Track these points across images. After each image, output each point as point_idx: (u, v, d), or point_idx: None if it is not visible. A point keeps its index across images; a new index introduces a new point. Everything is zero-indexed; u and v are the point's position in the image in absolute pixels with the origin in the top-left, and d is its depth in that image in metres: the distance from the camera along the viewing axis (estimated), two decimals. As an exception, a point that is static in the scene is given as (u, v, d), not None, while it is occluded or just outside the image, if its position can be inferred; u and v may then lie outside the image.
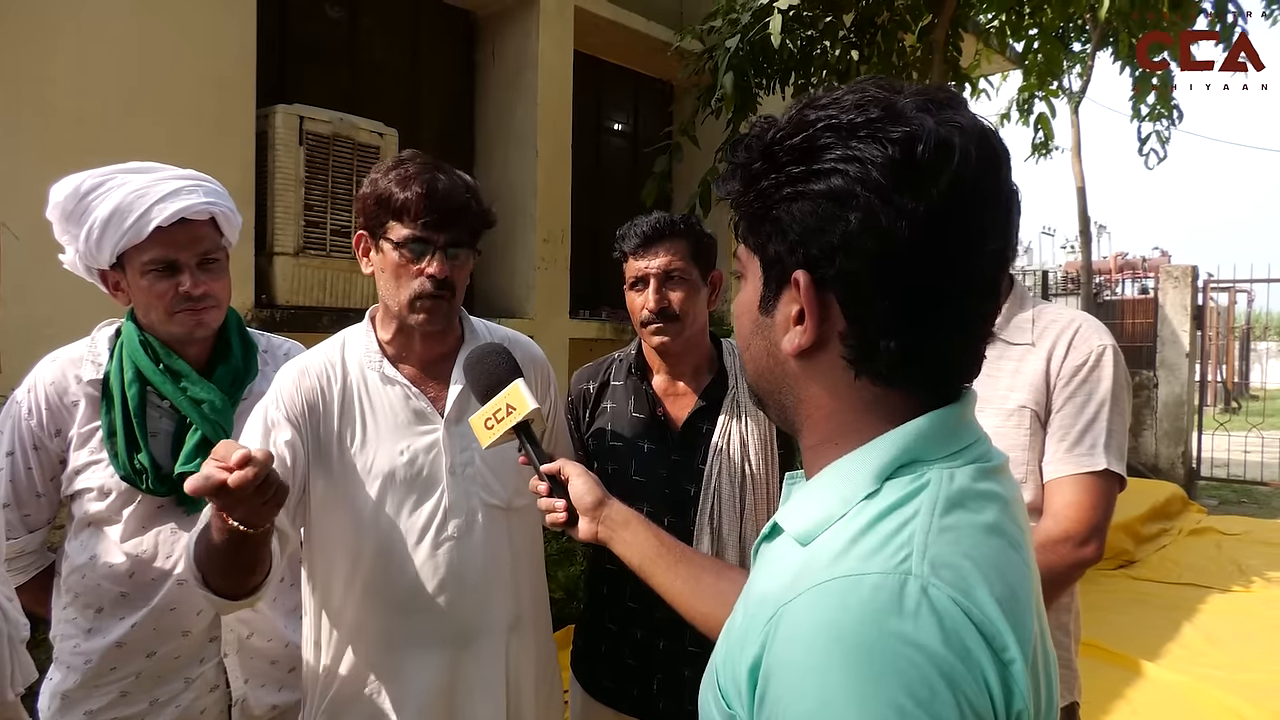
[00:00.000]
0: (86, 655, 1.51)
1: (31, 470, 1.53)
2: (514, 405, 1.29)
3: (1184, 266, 9.00)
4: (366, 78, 4.56)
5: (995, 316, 0.73)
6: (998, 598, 0.61)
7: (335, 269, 3.89)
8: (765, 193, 0.71)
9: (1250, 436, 9.67)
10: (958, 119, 0.67)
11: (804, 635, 0.59)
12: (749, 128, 0.76)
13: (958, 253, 0.67)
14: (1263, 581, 5.75)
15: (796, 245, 0.69)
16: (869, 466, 0.68)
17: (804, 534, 0.68)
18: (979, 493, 0.67)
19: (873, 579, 0.59)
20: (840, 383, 0.71)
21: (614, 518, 1.22)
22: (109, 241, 1.47)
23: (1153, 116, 6.13)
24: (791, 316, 0.71)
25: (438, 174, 1.46)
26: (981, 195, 0.67)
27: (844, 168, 0.66)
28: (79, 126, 3.11)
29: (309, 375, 1.50)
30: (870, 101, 0.68)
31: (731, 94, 4.53)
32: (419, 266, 1.44)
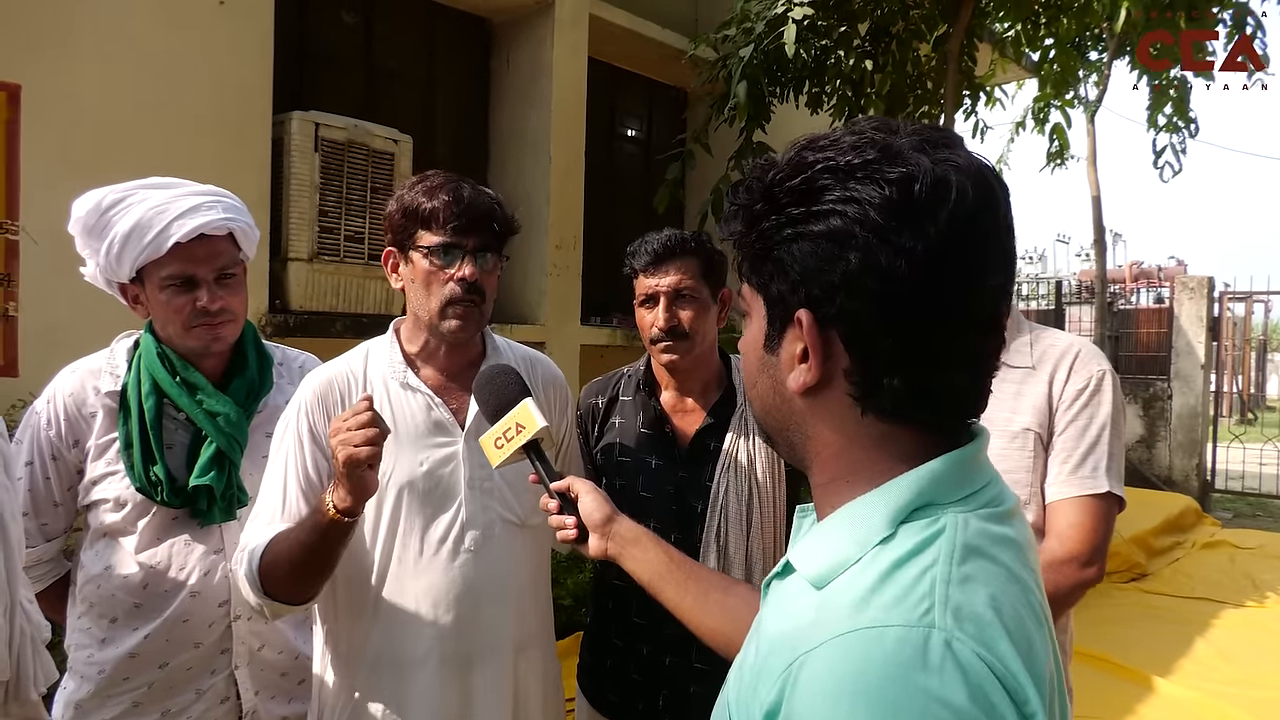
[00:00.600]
0: (100, 665, 1.53)
1: (50, 480, 1.56)
2: (523, 424, 1.30)
3: (1200, 277, 8.94)
4: (381, 84, 4.60)
5: (1000, 351, 0.73)
6: (1019, 649, 0.61)
7: (349, 274, 3.93)
8: (766, 233, 0.72)
9: (1266, 449, 9.58)
10: (954, 158, 0.68)
11: (827, 688, 0.59)
12: (749, 169, 0.77)
13: (958, 289, 0.68)
14: (1277, 597, 5.71)
15: (798, 285, 0.70)
16: (883, 510, 0.68)
17: (818, 577, 0.69)
18: (994, 538, 0.68)
19: (896, 632, 0.59)
20: (847, 420, 0.72)
21: (624, 534, 1.23)
22: (129, 256, 1.49)
23: (1169, 128, 6.10)
24: (796, 355, 0.72)
25: (462, 184, 1.50)
26: (980, 231, 0.68)
27: (842, 209, 0.67)
28: (99, 135, 3.15)
29: (332, 387, 1.52)
30: (867, 143, 0.69)
31: (745, 103, 4.53)
32: (449, 272, 1.47)
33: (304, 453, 1.48)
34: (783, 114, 5.15)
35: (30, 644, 1.21)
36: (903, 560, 0.64)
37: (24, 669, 1.19)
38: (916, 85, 5.49)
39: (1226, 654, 4.67)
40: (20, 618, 1.19)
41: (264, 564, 1.38)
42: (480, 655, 1.51)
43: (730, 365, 1.89)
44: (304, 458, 1.48)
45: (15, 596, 1.18)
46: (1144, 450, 9.16)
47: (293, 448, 1.48)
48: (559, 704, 1.70)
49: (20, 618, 1.19)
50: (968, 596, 0.62)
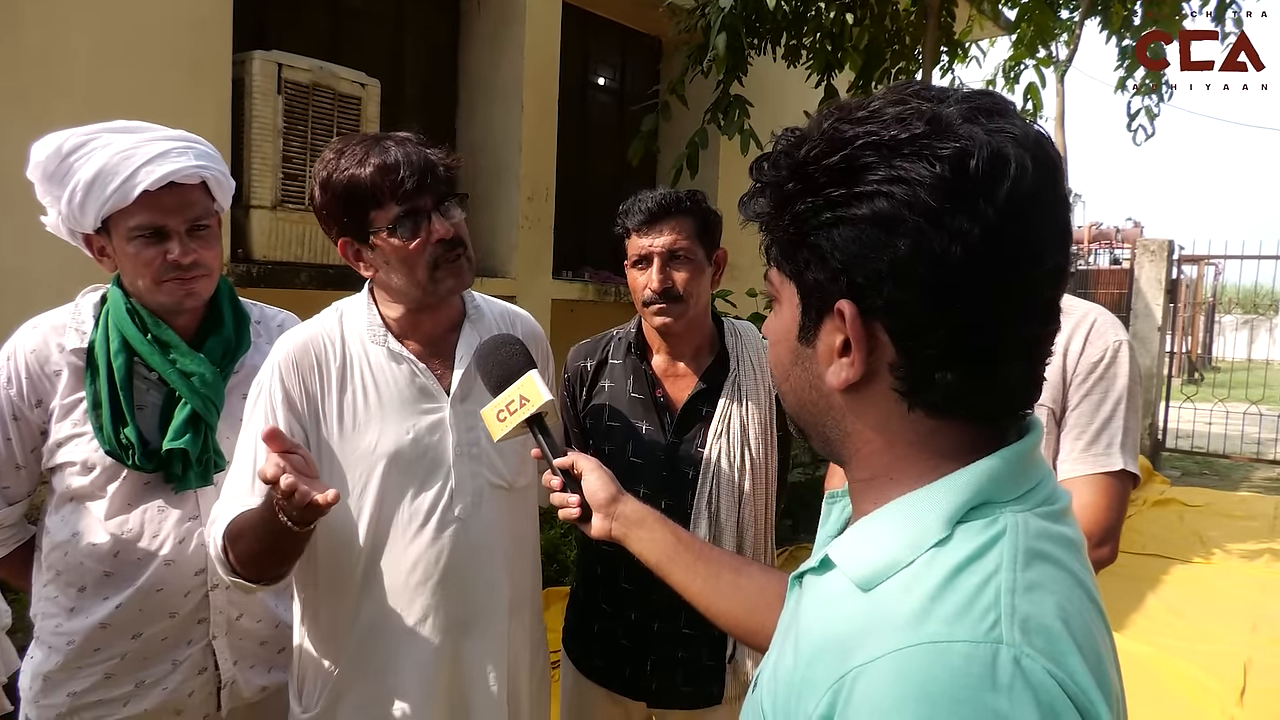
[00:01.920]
0: (69, 635, 1.47)
1: (11, 441, 1.47)
2: (528, 397, 1.25)
3: (1160, 240, 9.07)
4: (347, 23, 4.40)
5: (1054, 336, 0.68)
6: (1089, 662, 0.58)
7: (314, 223, 3.72)
8: (801, 217, 0.66)
9: (1215, 409, 9.86)
10: (1009, 128, 0.62)
11: (888, 706, 0.55)
12: (775, 142, 0.71)
13: (1016, 274, 0.62)
14: (1222, 553, 5.91)
15: (839, 273, 0.64)
16: (939, 510, 0.64)
17: (865, 579, 0.64)
18: (1055, 538, 0.64)
19: (962, 648, 0.56)
20: (892, 415, 0.67)
21: (629, 515, 1.18)
22: (92, 205, 1.39)
23: (1141, 91, 6.11)
24: (835, 347, 0.67)
25: (384, 143, 1.38)
26: (1040, 209, 0.62)
27: (890, 189, 0.61)
28: (46, 69, 2.96)
29: (307, 350, 1.44)
30: (913, 114, 0.63)
31: (724, 54, 4.43)
32: (422, 238, 1.38)
33: (278, 420, 1.40)
34: (759, 66, 5.05)
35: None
36: (963, 566, 0.60)
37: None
38: (894, 40, 5.42)
39: (1176, 609, 4.83)
40: None
41: (228, 545, 1.31)
42: (474, 621, 1.48)
43: (723, 328, 1.84)
44: (278, 425, 1.38)
45: None
46: (1099, 410, 9.35)
47: (266, 415, 1.41)
48: (545, 666, 1.69)
49: None
50: (1035, 606, 0.58)
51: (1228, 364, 17.68)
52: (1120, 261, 12.00)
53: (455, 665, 1.47)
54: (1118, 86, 6.73)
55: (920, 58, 5.43)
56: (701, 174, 4.93)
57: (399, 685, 1.45)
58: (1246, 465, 9.34)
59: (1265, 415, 9.84)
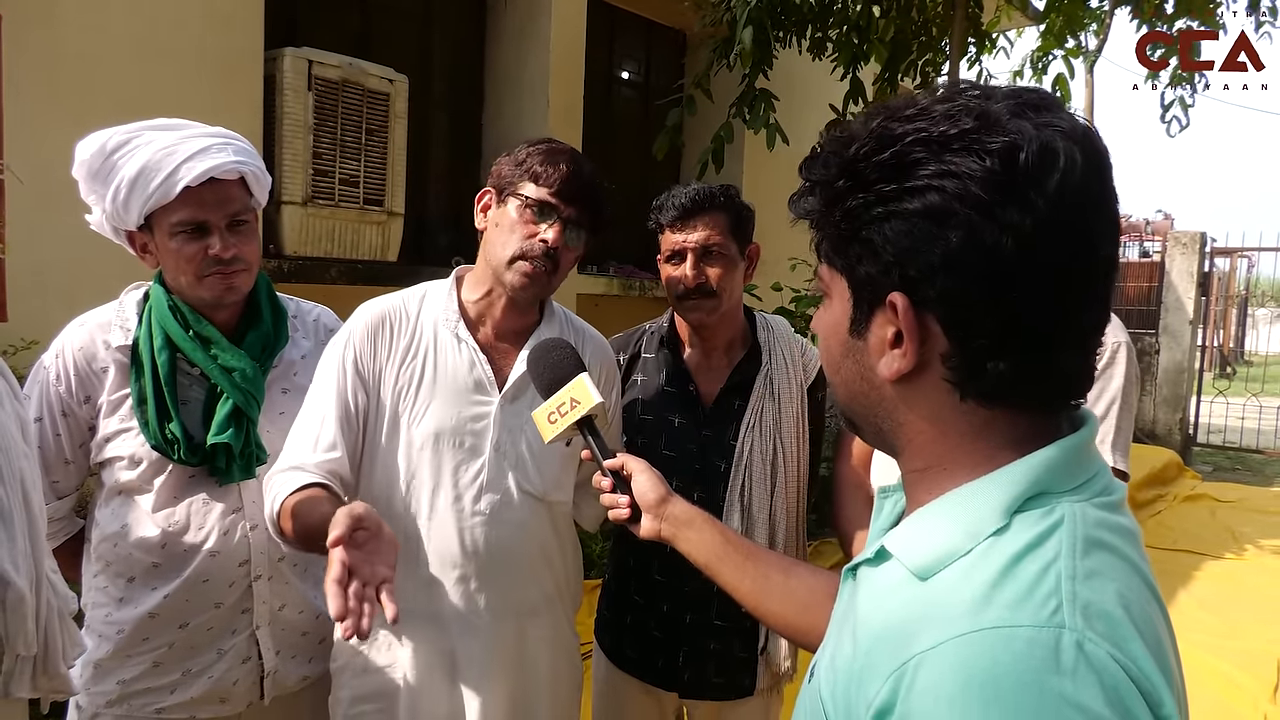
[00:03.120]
0: (119, 625, 1.50)
1: (60, 437, 1.50)
2: (578, 399, 1.26)
3: (1192, 233, 8.94)
4: (377, 21, 4.44)
5: (1105, 326, 0.69)
6: (1150, 648, 0.58)
7: (344, 219, 3.82)
8: (853, 212, 0.68)
9: (1248, 404, 9.72)
10: (1057, 122, 0.63)
11: (952, 691, 0.56)
12: (824, 142, 0.73)
13: (1067, 264, 0.63)
14: (1255, 549, 5.83)
15: (891, 266, 0.66)
16: (996, 500, 0.65)
17: (923, 568, 0.65)
18: (1113, 527, 0.65)
19: (1026, 633, 0.56)
20: (944, 406, 0.68)
21: (678, 515, 1.19)
22: (136, 202, 1.42)
23: (1174, 81, 6.02)
24: (887, 339, 0.68)
25: (584, 162, 1.52)
26: (1090, 201, 0.64)
27: (940, 183, 0.63)
28: (83, 68, 3.01)
29: (384, 321, 1.52)
30: (962, 110, 0.64)
31: (750, 48, 4.42)
32: (536, 228, 1.46)
33: (346, 382, 1.48)
34: (785, 59, 5.03)
35: (58, 617, 1.17)
36: (1022, 554, 0.61)
37: (52, 642, 1.16)
38: (921, 32, 5.38)
39: (1207, 605, 4.78)
40: (47, 590, 1.15)
41: (281, 518, 1.35)
42: (481, 615, 1.50)
43: (755, 322, 1.85)
44: (346, 388, 1.48)
45: (41, 570, 1.14)
46: (1128, 404, 9.26)
47: (335, 376, 1.48)
48: (574, 674, 1.67)
49: (47, 590, 1.15)
50: (1096, 593, 0.59)
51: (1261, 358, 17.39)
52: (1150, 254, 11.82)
53: (459, 654, 1.49)
54: (1149, 77, 6.63)
55: (947, 49, 5.38)
56: (727, 168, 4.93)
57: (401, 671, 1.48)
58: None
59: (1299, 410, 9.69)
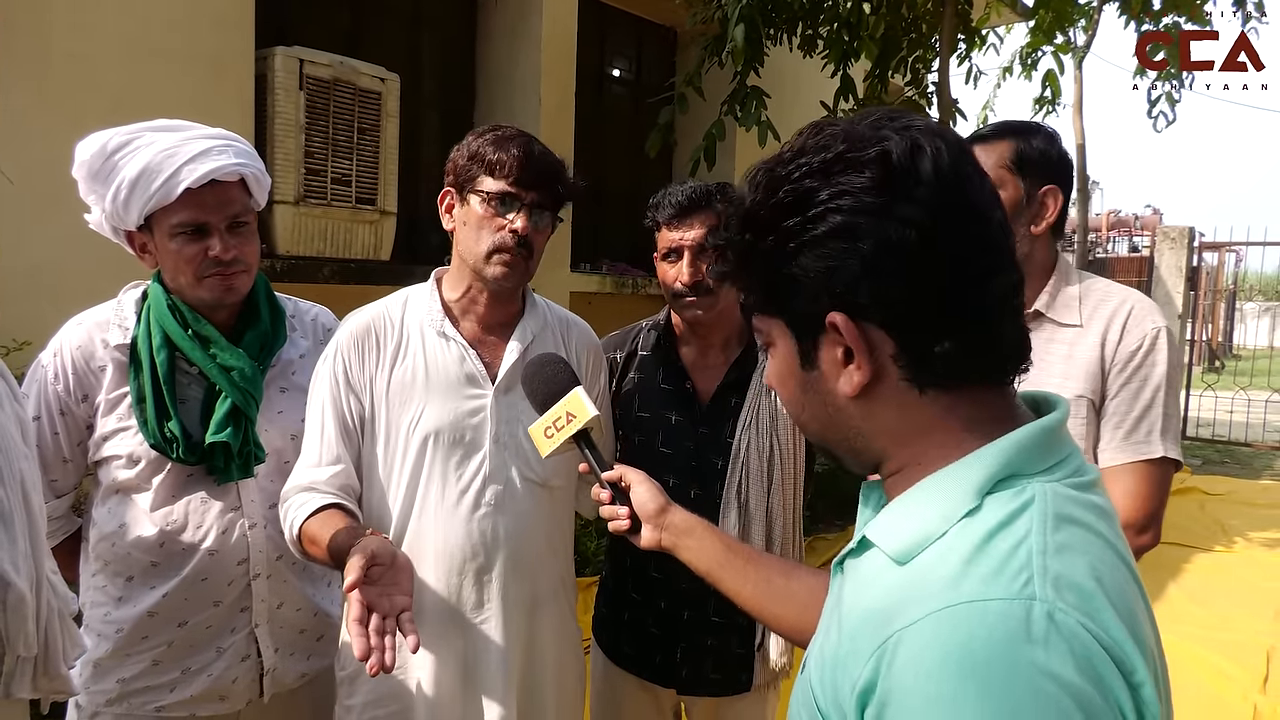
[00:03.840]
0: (118, 624, 1.51)
1: (58, 435, 1.50)
2: (574, 413, 1.28)
3: (1180, 228, 9.02)
4: (367, 20, 4.44)
5: (1023, 287, 0.74)
6: (1122, 617, 0.60)
7: (336, 218, 3.82)
8: (769, 256, 0.72)
9: (1236, 397, 9.79)
10: (914, 123, 0.71)
11: (929, 664, 0.58)
12: (722, 220, 0.77)
13: (966, 236, 0.69)
14: (1244, 542, 5.88)
15: (820, 292, 0.70)
16: (968, 482, 0.67)
17: (902, 553, 0.68)
18: (1085, 504, 0.67)
19: (998, 605, 0.59)
20: (906, 404, 0.72)
21: (678, 525, 1.20)
22: (137, 202, 1.42)
23: (1163, 76, 6.06)
24: (839, 360, 0.72)
25: (534, 142, 1.51)
26: (963, 176, 0.70)
27: (837, 203, 0.68)
28: (74, 68, 3.01)
29: (368, 331, 1.53)
30: (830, 138, 0.71)
31: (742, 46, 4.43)
32: (502, 221, 1.47)
33: (340, 395, 1.50)
34: (775, 57, 5.05)
35: (58, 618, 1.17)
36: (994, 532, 0.64)
37: (53, 643, 1.16)
38: (911, 29, 5.40)
39: (1197, 598, 4.81)
40: (47, 592, 1.15)
41: (304, 538, 1.40)
42: (490, 608, 1.51)
43: (752, 320, 1.86)
44: (340, 400, 1.50)
45: (42, 571, 1.14)
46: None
47: (329, 390, 1.51)
48: (578, 665, 1.69)
49: (47, 592, 1.15)
50: (1066, 566, 0.61)
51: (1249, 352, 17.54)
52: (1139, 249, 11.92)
53: (467, 650, 1.51)
54: (1137, 72, 6.67)
55: (937, 46, 5.41)
56: (719, 166, 4.94)
57: (410, 666, 1.49)
58: (1268, 453, 9.27)
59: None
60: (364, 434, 1.52)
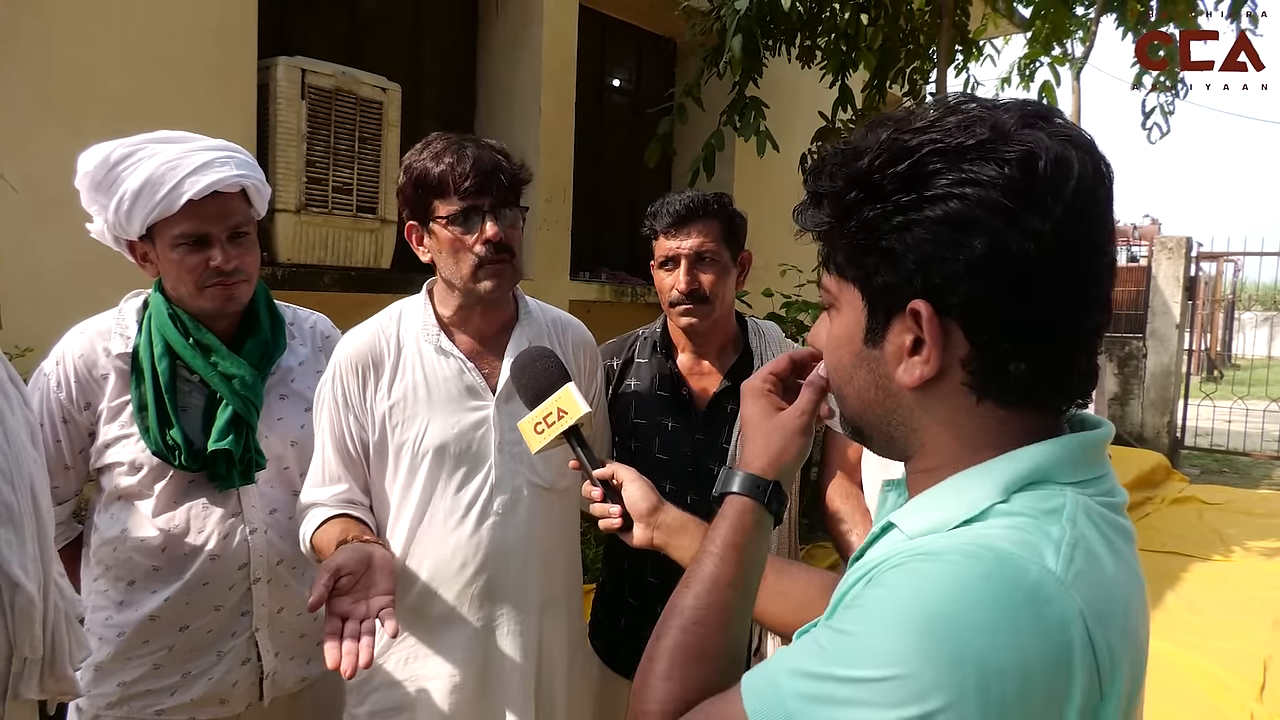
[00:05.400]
0: (119, 628, 1.52)
1: (61, 443, 1.52)
2: (565, 409, 1.27)
3: (1178, 238, 9.03)
4: (369, 30, 4.46)
5: (1108, 327, 0.73)
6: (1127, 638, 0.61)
7: (337, 226, 3.84)
8: (870, 223, 0.69)
9: (1234, 407, 9.81)
10: (1066, 131, 0.67)
11: (930, 565, 0.60)
12: (827, 155, 0.74)
13: (1080, 267, 0.66)
14: (1242, 551, 5.88)
15: (913, 274, 0.67)
16: (997, 478, 0.67)
17: (918, 531, 0.68)
18: (1114, 525, 0.67)
19: (1020, 559, 0.60)
20: (960, 409, 0.70)
21: (670, 523, 1.20)
22: (139, 213, 1.44)
23: (1157, 88, 6.09)
24: (905, 346, 0.70)
25: (464, 143, 1.49)
26: (1096, 206, 0.67)
27: (961, 191, 0.65)
28: (76, 77, 3.03)
29: (363, 351, 1.53)
30: (975, 120, 0.66)
31: (740, 56, 4.46)
32: (472, 237, 1.46)
33: (339, 418, 1.51)
34: (774, 68, 5.08)
35: (64, 620, 1.19)
36: (1024, 518, 0.64)
37: (59, 645, 1.18)
38: (909, 40, 5.43)
39: (1195, 606, 4.82)
40: (55, 594, 1.17)
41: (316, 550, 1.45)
42: (504, 615, 1.53)
43: (746, 328, 1.88)
44: (339, 423, 1.51)
45: (49, 573, 1.16)
46: (1117, 408, 9.33)
47: (329, 414, 1.52)
48: (585, 664, 1.72)
49: (55, 594, 1.17)
50: (1085, 564, 0.62)
51: (1248, 361, 17.56)
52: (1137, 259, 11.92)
53: (485, 657, 1.52)
54: (1134, 83, 6.70)
55: (935, 57, 5.44)
56: (718, 176, 4.96)
57: (427, 676, 1.50)
58: (1267, 463, 9.28)
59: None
60: (369, 455, 1.53)
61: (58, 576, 1.19)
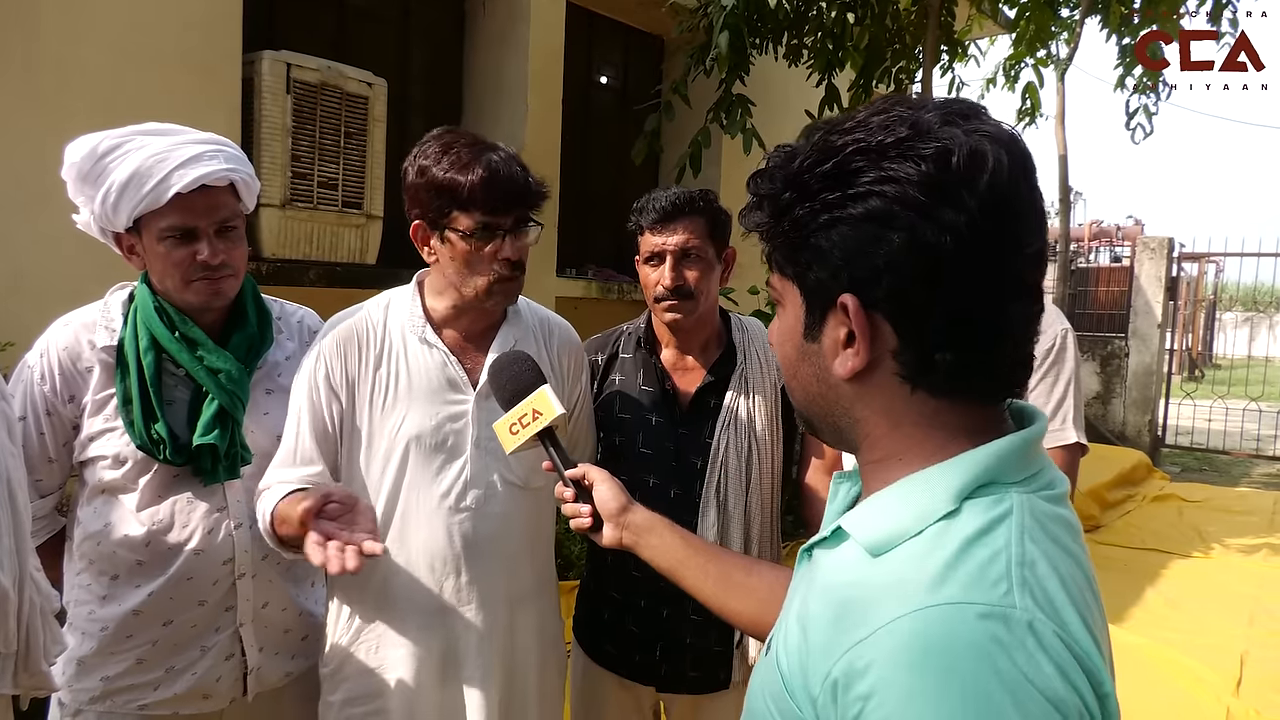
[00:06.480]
0: (102, 622, 1.52)
1: (44, 436, 1.51)
2: (540, 411, 1.29)
3: (1160, 238, 9.12)
4: (355, 25, 4.45)
5: (1039, 317, 0.74)
6: (1089, 628, 0.63)
7: (322, 222, 3.83)
8: (800, 221, 0.72)
9: (1215, 406, 9.91)
10: (984, 127, 0.68)
11: (912, 660, 0.60)
12: (766, 159, 0.77)
13: (1000, 258, 0.68)
14: (1221, 548, 5.95)
15: (840, 270, 0.70)
16: (948, 485, 0.68)
17: (876, 545, 0.69)
18: (1056, 519, 0.69)
19: (980, 609, 0.60)
20: (896, 399, 0.72)
21: (638, 523, 1.22)
22: (126, 206, 1.44)
23: (1139, 89, 6.15)
24: (840, 340, 0.72)
25: (492, 156, 1.46)
26: (1017, 199, 0.68)
27: (880, 189, 0.67)
28: (60, 71, 3.01)
29: (351, 336, 1.54)
30: (896, 120, 0.69)
31: (727, 53, 4.47)
32: (489, 251, 1.46)
33: (320, 398, 1.52)
34: (761, 66, 5.10)
35: (40, 615, 1.18)
36: (974, 539, 0.65)
37: (34, 640, 1.17)
38: (895, 40, 5.46)
39: (1174, 603, 4.87)
40: (30, 589, 1.16)
41: (275, 526, 1.42)
42: (472, 608, 1.54)
43: (730, 323, 1.89)
44: (320, 403, 1.52)
45: (25, 567, 1.15)
46: (1100, 406, 9.42)
47: (308, 393, 1.52)
48: (560, 661, 1.73)
49: (30, 589, 1.16)
50: (1041, 578, 0.63)
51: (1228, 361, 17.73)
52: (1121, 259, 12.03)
53: (448, 650, 1.53)
54: (1117, 85, 6.76)
55: (920, 57, 5.47)
56: (704, 173, 4.98)
57: (391, 664, 1.51)
58: (1246, 461, 9.39)
59: (1265, 412, 9.90)
60: (344, 438, 1.54)
61: (34, 571, 1.18)
